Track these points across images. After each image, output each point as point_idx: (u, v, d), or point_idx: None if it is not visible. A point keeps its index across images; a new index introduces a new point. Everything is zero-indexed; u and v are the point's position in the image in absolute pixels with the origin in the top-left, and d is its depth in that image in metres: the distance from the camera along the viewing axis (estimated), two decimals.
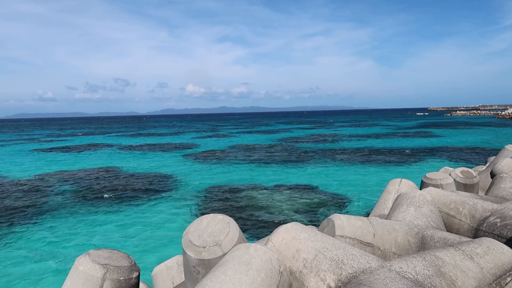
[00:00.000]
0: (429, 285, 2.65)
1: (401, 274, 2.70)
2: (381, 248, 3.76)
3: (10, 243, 15.92)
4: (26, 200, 23.24)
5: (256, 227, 16.94)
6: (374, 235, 3.77)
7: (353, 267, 2.81)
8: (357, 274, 2.75)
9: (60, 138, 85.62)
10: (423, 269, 2.79)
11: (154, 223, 18.17)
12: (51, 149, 58.49)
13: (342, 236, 3.71)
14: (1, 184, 29.41)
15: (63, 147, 61.55)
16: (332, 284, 2.75)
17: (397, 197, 5.11)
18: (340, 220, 3.81)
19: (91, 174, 33.06)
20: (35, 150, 57.98)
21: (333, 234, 3.75)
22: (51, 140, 79.39)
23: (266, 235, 4.84)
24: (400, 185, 6.47)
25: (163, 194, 24.08)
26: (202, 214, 5.14)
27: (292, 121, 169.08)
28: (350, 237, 3.72)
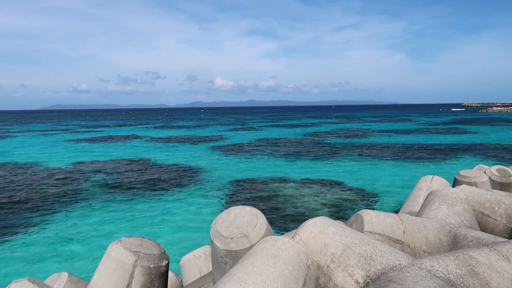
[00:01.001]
0: (462, 285, 2.58)
1: (432, 272, 2.64)
2: (411, 246, 3.68)
3: (46, 228, 16.63)
4: (60, 188, 24.18)
5: (282, 220, 16.96)
6: (404, 232, 3.70)
7: (382, 263, 2.77)
8: (386, 271, 2.71)
9: (93, 129, 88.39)
10: (456, 268, 2.71)
11: (182, 214, 18.51)
12: (84, 140, 60.51)
13: (370, 232, 3.65)
14: (37, 172, 30.71)
15: (95, 138, 63.53)
16: (360, 280, 2.72)
17: (428, 194, 4.98)
18: (369, 216, 3.75)
19: (122, 164, 33.98)
20: (70, 140, 60.14)
21: (361, 230, 3.70)
22: (85, 131, 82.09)
23: (293, 229, 4.84)
24: (431, 182, 6.30)
25: (192, 186, 24.47)
26: (230, 206, 5.20)
27: (320, 115, 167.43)
28: (379, 233, 3.66)
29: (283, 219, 17.11)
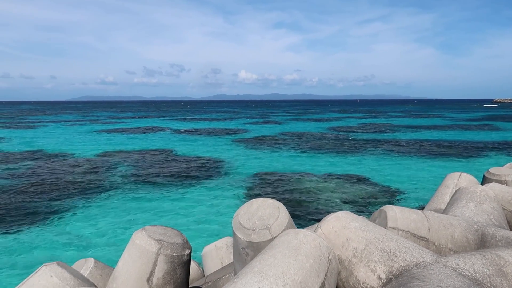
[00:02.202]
0: (488, 285, 2.51)
1: (457, 271, 2.58)
2: (436, 243, 3.60)
3: (74, 216, 17.17)
4: (87, 177, 24.87)
5: (304, 214, 16.91)
6: (429, 229, 3.62)
7: (405, 260, 2.72)
8: (410, 268, 2.66)
9: (119, 120, 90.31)
10: (483, 267, 2.64)
11: (205, 205, 18.73)
12: (110, 130, 61.92)
13: (394, 228, 3.60)
14: (66, 161, 31.68)
15: (121, 129, 64.90)
16: (383, 276, 2.68)
17: (455, 191, 4.85)
18: (393, 212, 3.69)
19: (146, 155, 34.61)
20: (96, 131, 61.67)
21: (384, 226, 3.65)
22: (111, 122, 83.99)
23: (314, 223, 4.81)
24: (459, 179, 6.12)
25: (214, 178, 24.69)
26: (252, 198, 5.20)
27: (344, 109, 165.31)
28: (403, 230, 3.59)
29: (305, 213, 17.06)
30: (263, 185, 22.68)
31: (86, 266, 4.08)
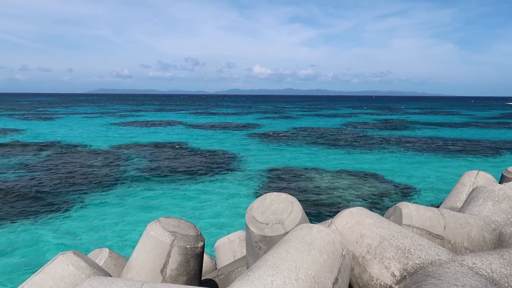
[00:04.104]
0: (506, 285, 2.46)
1: (474, 270, 2.53)
2: (451, 242, 3.55)
3: (88, 207, 17.46)
4: (102, 170, 25.24)
5: (316, 210, 16.86)
6: (444, 227, 3.57)
7: (420, 257, 2.69)
8: (425, 266, 2.63)
9: (134, 113, 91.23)
10: (500, 267, 2.59)
11: (218, 198, 18.83)
12: (126, 123, 62.63)
13: (409, 226, 3.56)
14: (81, 153, 32.19)
15: (136, 122, 65.57)
16: (397, 273, 2.66)
17: (472, 190, 4.77)
18: (408, 209, 3.65)
19: (161, 148, 34.93)
20: (112, 123, 62.44)
21: (399, 223, 3.61)
22: (126, 115, 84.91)
23: (326, 219, 4.79)
24: (476, 178, 6.02)
25: (227, 172, 24.79)
26: (264, 192, 5.20)
27: (359, 105, 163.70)
28: (418, 227, 3.55)
29: (317, 209, 17.01)
30: (276, 180, 22.68)
31: (101, 256, 4.15)
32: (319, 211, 16.71)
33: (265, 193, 3.75)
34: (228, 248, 5.82)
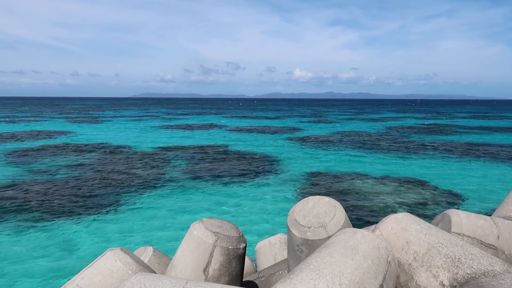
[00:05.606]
0: None
1: None
2: (506, 253, 3.35)
3: (133, 206, 18.10)
4: (147, 171, 26.09)
5: (358, 215, 16.49)
6: (498, 236, 3.38)
7: (472, 267, 2.56)
8: (477, 276, 2.49)
9: (177, 117, 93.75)
10: None
11: (258, 201, 18.91)
12: (170, 126, 64.51)
13: (459, 234, 3.40)
14: (127, 154, 33.46)
15: (179, 125, 67.32)
16: (446, 282, 2.54)
17: None
18: (457, 216, 3.49)
19: (203, 151, 35.60)
20: (156, 126, 64.51)
21: (448, 231, 3.46)
22: (169, 118, 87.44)
23: (369, 225, 4.67)
24: None
25: (268, 175, 24.83)
26: (305, 196, 5.16)
27: (403, 109, 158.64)
28: (469, 236, 3.38)
29: (360, 214, 16.63)
30: (317, 184, 22.43)
31: (146, 254, 4.29)
32: (361, 216, 16.33)
33: (305, 197, 3.72)
34: (268, 251, 5.82)
